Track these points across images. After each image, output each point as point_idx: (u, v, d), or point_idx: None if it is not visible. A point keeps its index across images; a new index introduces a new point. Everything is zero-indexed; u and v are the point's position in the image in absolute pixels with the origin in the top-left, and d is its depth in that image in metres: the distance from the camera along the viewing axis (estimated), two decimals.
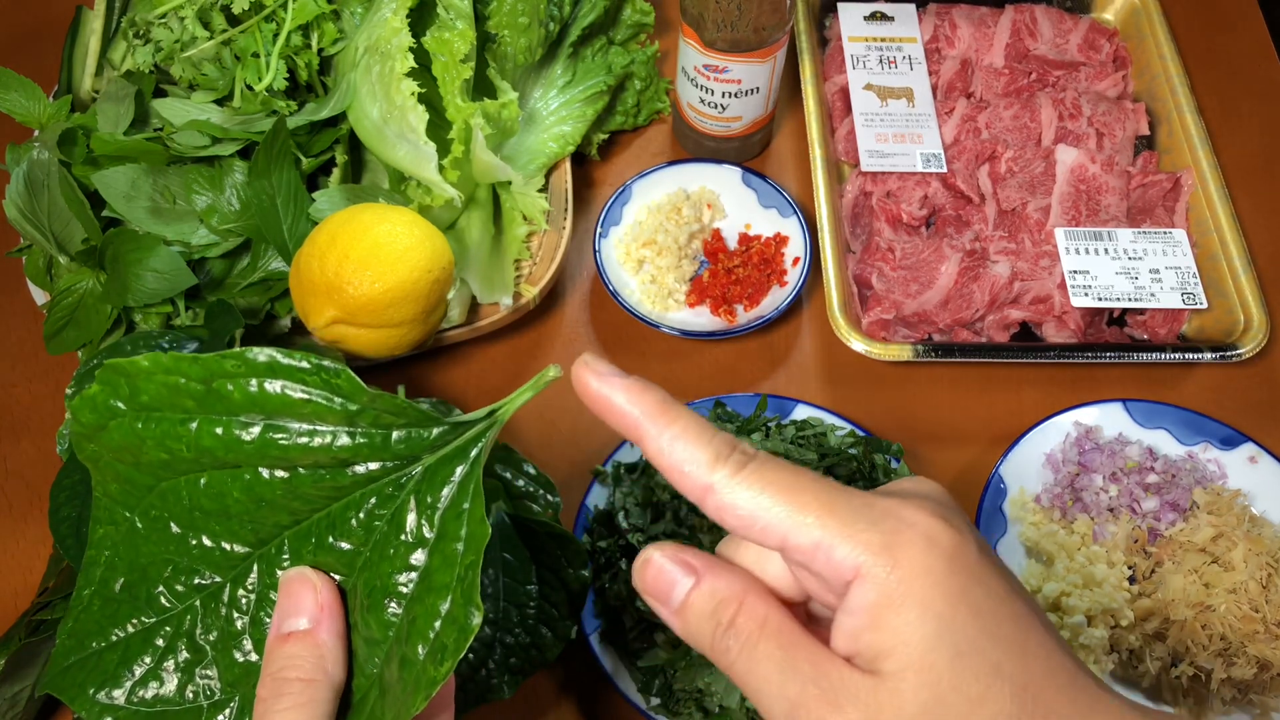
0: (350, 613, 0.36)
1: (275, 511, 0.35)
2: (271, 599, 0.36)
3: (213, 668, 0.36)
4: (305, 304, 0.59)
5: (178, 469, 0.35)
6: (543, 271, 0.68)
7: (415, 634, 0.33)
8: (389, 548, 0.35)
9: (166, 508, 0.36)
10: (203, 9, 0.66)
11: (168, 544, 0.36)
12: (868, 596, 0.29)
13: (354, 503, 0.35)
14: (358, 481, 0.35)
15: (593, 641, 0.58)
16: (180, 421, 0.34)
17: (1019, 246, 0.72)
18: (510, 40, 0.69)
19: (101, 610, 0.37)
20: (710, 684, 0.55)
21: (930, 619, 0.29)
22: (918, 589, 0.29)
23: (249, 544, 0.36)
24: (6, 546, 0.64)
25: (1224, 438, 0.64)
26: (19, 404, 0.69)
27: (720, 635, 0.32)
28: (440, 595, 0.33)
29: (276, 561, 0.36)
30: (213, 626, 0.36)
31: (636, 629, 0.58)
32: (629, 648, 0.58)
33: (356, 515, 0.35)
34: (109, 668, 0.36)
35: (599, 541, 0.60)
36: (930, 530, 0.30)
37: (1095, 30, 0.83)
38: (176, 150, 0.63)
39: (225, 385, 0.33)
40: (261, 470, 0.34)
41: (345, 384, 0.33)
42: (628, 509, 0.61)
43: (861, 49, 0.80)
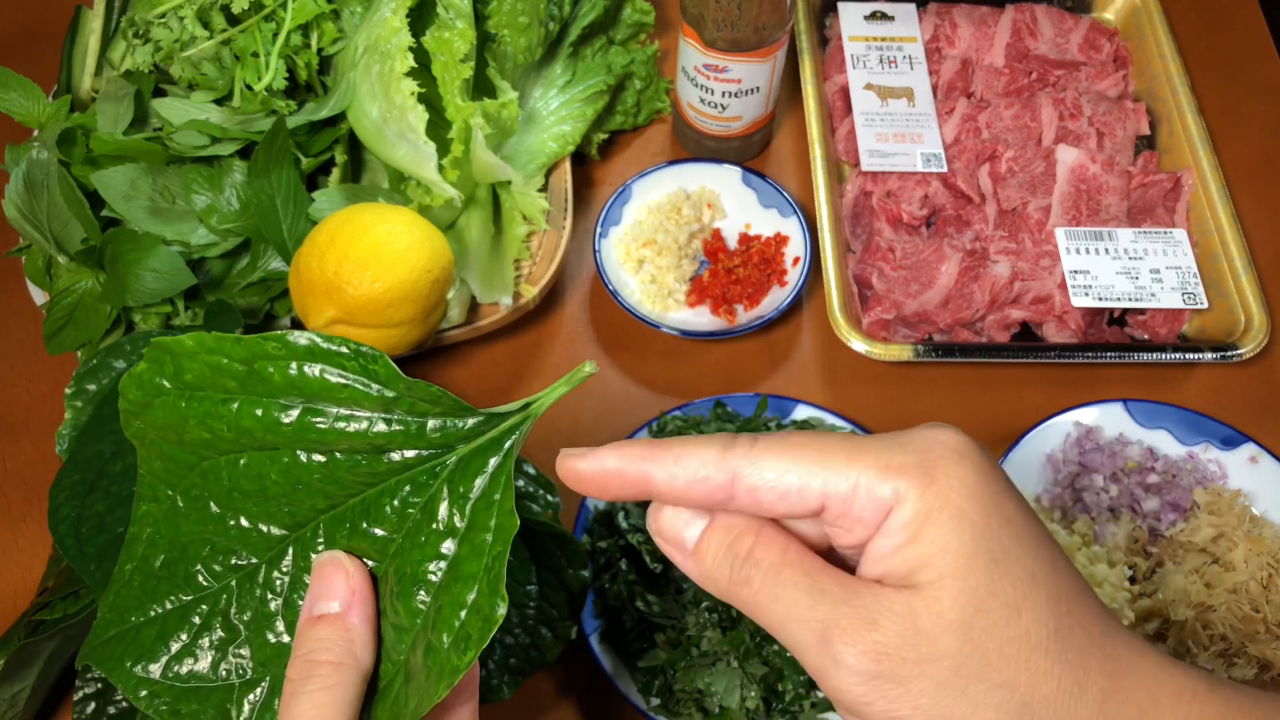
0: (381, 599, 0.36)
1: (312, 495, 0.36)
2: (305, 582, 0.36)
3: (246, 647, 0.36)
4: (305, 304, 0.59)
5: (219, 449, 0.35)
6: (543, 271, 0.68)
7: (441, 622, 0.33)
8: (421, 535, 0.35)
9: (207, 487, 0.36)
10: (202, 9, 0.66)
11: (207, 523, 0.36)
12: (906, 514, 0.29)
13: (389, 489, 0.35)
14: (393, 469, 0.35)
15: (593, 642, 0.58)
16: (222, 401, 0.34)
17: (1019, 246, 0.72)
18: (510, 40, 0.69)
19: (142, 586, 0.37)
20: (710, 684, 0.55)
21: (966, 527, 0.29)
22: (954, 499, 0.29)
23: (285, 526, 0.36)
24: (6, 546, 0.64)
25: (1225, 438, 0.64)
26: (18, 404, 0.69)
27: (739, 566, 0.31)
28: (467, 585, 0.33)
29: (311, 545, 0.36)
30: (247, 606, 0.37)
31: (636, 629, 0.58)
32: (629, 648, 0.58)
33: (391, 502, 0.35)
34: (146, 642, 0.37)
35: (599, 542, 0.60)
36: (959, 446, 0.30)
37: (1096, 30, 0.82)
38: (176, 150, 0.63)
39: (266, 367, 0.34)
40: (299, 453, 0.35)
41: (382, 370, 0.33)
42: (628, 509, 0.61)
43: (862, 48, 0.80)
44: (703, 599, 0.56)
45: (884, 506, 0.30)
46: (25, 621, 0.54)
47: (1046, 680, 0.29)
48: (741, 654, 0.55)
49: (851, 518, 0.30)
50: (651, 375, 0.70)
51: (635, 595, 0.58)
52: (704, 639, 0.56)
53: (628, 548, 0.59)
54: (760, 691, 0.54)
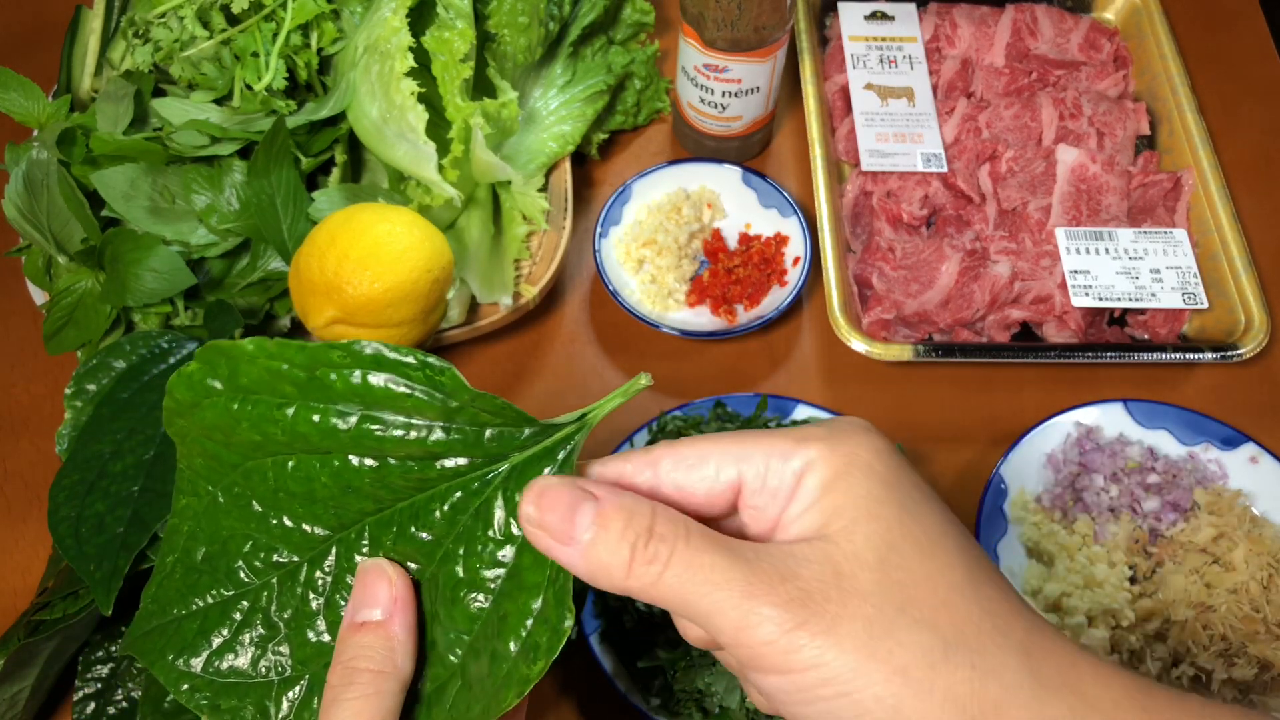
0: (428, 603, 0.36)
1: (360, 498, 0.36)
2: (347, 583, 0.36)
3: (285, 645, 0.36)
4: (304, 303, 0.59)
5: (268, 450, 0.35)
6: (543, 271, 0.68)
7: (507, 630, 0.33)
8: (475, 542, 0.35)
9: (250, 486, 0.36)
10: (202, 8, 0.66)
11: (249, 521, 0.36)
12: (817, 476, 0.31)
13: (439, 495, 0.35)
14: (444, 475, 0.35)
15: (592, 642, 0.58)
16: (278, 406, 0.34)
17: (1019, 246, 0.72)
18: (510, 39, 0.69)
19: (183, 579, 0.37)
20: (710, 684, 0.55)
21: (876, 480, 0.30)
22: (862, 457, 0.31)
23: (330, 527, 0.36)
24: (5, 547, 0.64)
25: (1225, 438, 0.64)
26: (18, 404, 0.69)
27: (643, 548, 0.29)
28: (532, 594, 0.33)
29: (355, 546, 0.36)
30: (288, 605, 0.37)
31: (636, 629, 0.57)
32: (629, 648, 0.57)
33: (440, 507, 0.35)
34: (188, 636, 0.37)
35: None
36: (865, 424, 0.32)
37: (1096, 30, 0.82)
38: (175, 150, 0.63)
39: (329, 374, 0.34)
40: (352, 458, 0.35)
41: (449, 381, 0.33)
42: None
43: (862, 48, 0.80)
44: None
45: (796, 475, 0.31)
46: (25, 621, 0.54)
47: (968, 623, 0.29)
48: None
49: (766, 492, 0.31)
50: (652, 375, 0.70)
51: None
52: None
53: None
54: None
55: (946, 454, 0.68)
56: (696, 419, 0.63)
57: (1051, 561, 0.61)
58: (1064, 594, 0.59)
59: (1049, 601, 0.59)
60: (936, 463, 0.67)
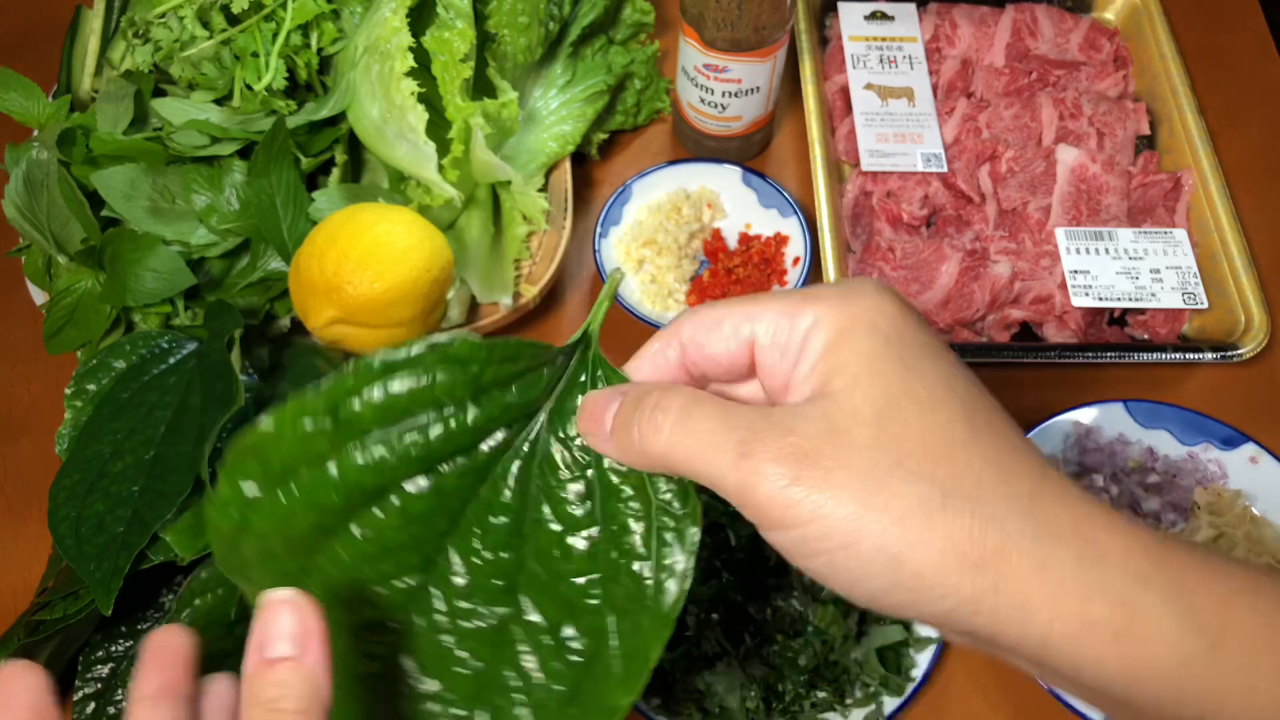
0: (543, 584, 0.35)
1: (430, 522, 0.35)
2: (467, 617, 0.35)
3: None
4: (304, 303, 0.59)
5: (328, 526, 0.34)
6: (542, 271, 0.68)
7: (627, 536, 0.34)
8: (553, 494, 0.35)
9: (328, 579, 0.34)
10: (202, 8, 0.66)
11: (341, 612, 0.34)
12: (822, 334, 0.31)
13: (499, 476, 0.35)
14: (495, 454, 0.35)
15: None
16: (320, 468, 0.32)
17: (1019, 246, 0.72)
18: (510, 39, 0.69)
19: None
20: (711, 684, 0.55)
21: (879, 338, 0.30)
22: (867, 317, 0.31)
23: (418, 570, 0.35)
24: (6, 546, 0.64)
25: (1225, 438, 0.64)
26: (18, 404, 0.69)
27: (647, 416, 0.32)
28: (628, 485, 0.34)
29: (447, 577, 0.35)
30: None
31: None
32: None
33: (507, 486, 0.35)
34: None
35: None
36: (877, 283, 0.32)
37: (1096, 30, 0.82)
38: (175, 150, 0.63)
39: (351, 406, 0.32)
40: (407, 485, 0.34)
41: (462, 350, 0.33)
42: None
43: (862, 48, 0.80)
44: (703, 599, 0.56)
45: (803, 334, 0.31)
46: (25, 621, 0.54)
47: (967, 474, 0.29)
48: (741, 654, 0.55)
49: (776, 350, 0.32)
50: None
51: None
52: (704, 639, 0.56)
53: None
54: (760, 692, 0.54)
55: None
56: None
57: None
58: None
59: None
60: None
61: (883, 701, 0.57)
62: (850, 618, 0.56)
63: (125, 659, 0.55)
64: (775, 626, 0.56)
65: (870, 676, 0.57)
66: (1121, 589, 0.28)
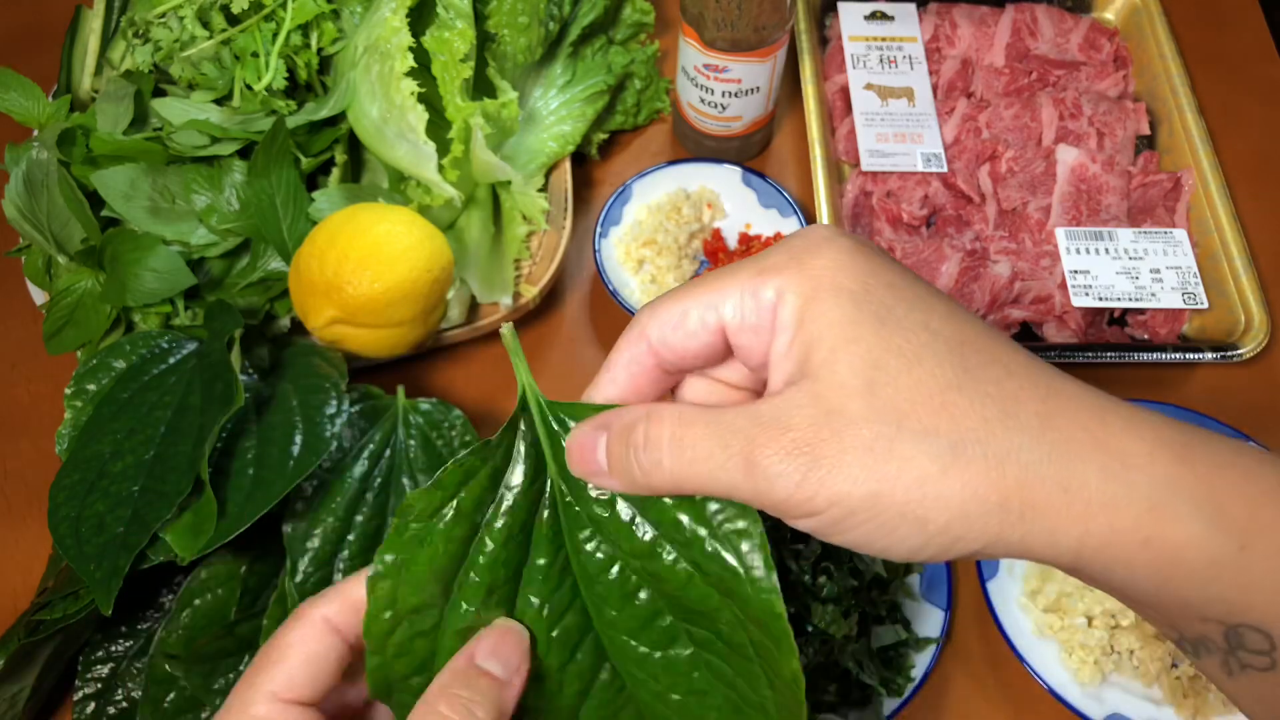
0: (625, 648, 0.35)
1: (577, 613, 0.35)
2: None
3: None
4: (305, 304, 0.59)
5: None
6: (543, 271, 0.68)
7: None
8: (588, 540, 0.35)
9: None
10: (202, 8, 0.66)
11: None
12: (788, 307, 0.30)
13: (543, 551, 0.35)
14: (540, 539, 0.35)
15: None
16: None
17: (1019, 246, 0.72)
18: (510, 39, 0.69)
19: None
20: None
21: (846, 299, 0.29)
22: (828, 278, 0.30)
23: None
24: (6, 546, 0.64)
25: None
26: (18, 404, 0.69)
27: (643, 455, 0.31)
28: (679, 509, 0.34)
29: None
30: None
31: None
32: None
33: (549, 556, 0.35)
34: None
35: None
36: (826, 233, 0.31)
37: (1096, 30, 0.82)
38: (175, 150, 0.63)
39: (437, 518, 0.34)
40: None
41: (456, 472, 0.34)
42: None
43: (862, 48, 0.80)
44: None
45: (770, 308, 0.30)
46: (25, 621, 0.54)
47: (969, 416, 0.28)
48: None
49: (748, 330, 0.31)
50: None
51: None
52: None
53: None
54: None
55: None
56: None
57: None
58: (1064, 594, 0.59)
59: (1049, 601, 0.59)
60: None
61: (882, 701, 0.57)
62: (850, 618, 0.56)
63: (125, 659, 0.55)
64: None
65: (870, 676, 0.57)
66: (1148, 494, 0.28)
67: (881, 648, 0.57)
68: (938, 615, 0.59)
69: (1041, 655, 0.58)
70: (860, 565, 0.57)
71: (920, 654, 0.58)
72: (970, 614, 0.62)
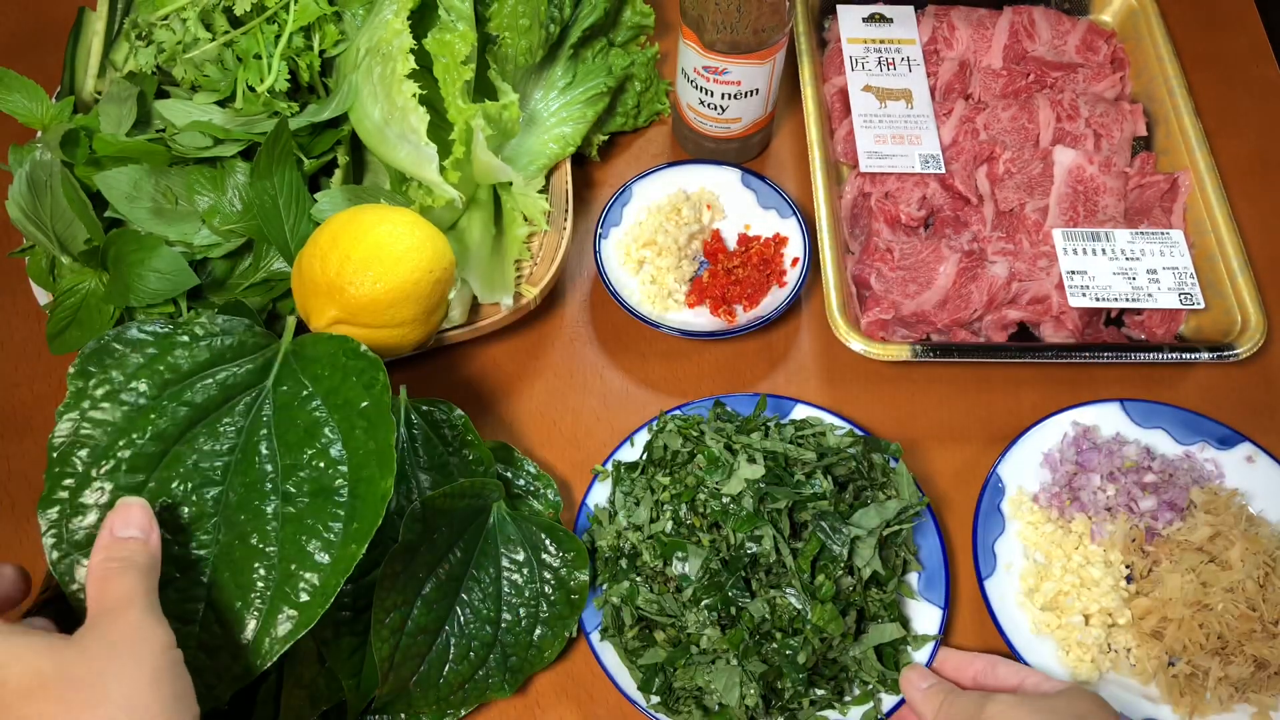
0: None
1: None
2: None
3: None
4: (307, 304, 0.59)
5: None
6: (543, 272, 0.68)
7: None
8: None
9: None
10: (205, 10, 0.66)
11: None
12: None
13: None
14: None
15: (592, 640, 0.59)
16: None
17: (1017, 247, 0.72)
18: (511, 42, 0.69)
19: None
20: (710, 681, 0.55)
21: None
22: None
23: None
24: (9, 545, 0.64)
25: (1221, 437, 0.65)
26: (22, 404, 0.69)
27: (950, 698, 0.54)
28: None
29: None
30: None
31: (636, 627, 0.58)
32: (628, 646, 0.58)
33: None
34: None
35: (599, 541, 0.61)
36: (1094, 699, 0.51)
37: (1093, 32, 0.83)
38: (179, 151, 0.64)
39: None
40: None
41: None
42: (628, 508, 0.61)
43: (860, 50, 0.80)
44: (702, 598, 0.56)
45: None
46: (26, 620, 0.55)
47: None
48: (741, 652, 0.55)
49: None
50: (651, 375, 0.71)
51: (634, 593, 0.58)
52: (704, 637, 0.56)
53: (628, 547, 0.60)
54: (759, 689, 0.55)
55: (944, 453, 0.68)
56: (696, 419, 0.64)
57: (1048, 560, 0.61)
58: (1061, 592, 0.60)
59: (1046, 600, 0.60)
60: (935, 462, 0.68)
61: (881, 699, 0.57)
62: (848, 616, 0.57)
63: None
64: (774, 624, 0.56)
65: (869, 674, 0.57)
66: None
67: (880, 645, 0.57)
68: (936, 613, 0.59)
69: (1039, 653, 0.59)
70: (858, 564, 0.57)
71: (918, 651, 0.58)
72: (968, 612, 0.62)
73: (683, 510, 0.59)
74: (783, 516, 0.58)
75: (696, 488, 0.59)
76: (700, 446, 0.61)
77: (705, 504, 0.58)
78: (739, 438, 0.61)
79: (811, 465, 0.60)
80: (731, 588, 0.56)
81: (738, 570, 0.57)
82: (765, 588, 0.57)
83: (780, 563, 0.57)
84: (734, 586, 0.56)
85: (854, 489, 0.61)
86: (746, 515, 0.57)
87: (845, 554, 0.57)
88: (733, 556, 0.57)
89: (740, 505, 0.58)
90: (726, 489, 0.58)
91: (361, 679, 0.54)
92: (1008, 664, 0.55)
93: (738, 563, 0.57)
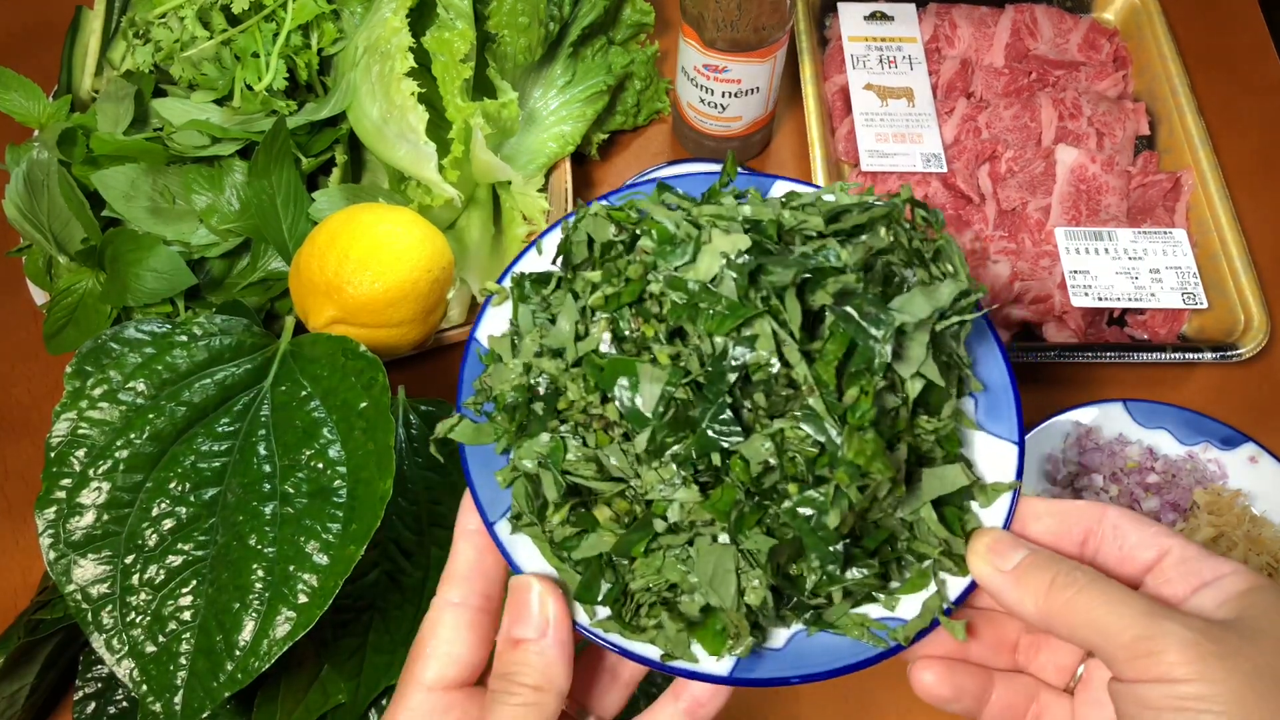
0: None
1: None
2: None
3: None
4: (305, 303, 0.59)
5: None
6: None
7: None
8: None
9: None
10: (202, 9, 0.66)
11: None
12: (1237, 581, 0.33)
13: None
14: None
15: (499, 535, 0.38)
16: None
17: (1019, 246, 0.72)
18: (510, 40, 0.69)
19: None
20: (688, 574, 0.37)
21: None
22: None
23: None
24: (6, 546, 0.64)
25: (1224, 438, 0.64)
26: (19, 404, 0.69)
27: (1063, 575, 0.34)
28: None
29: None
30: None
31: (566, 504, 0.38)
32: (555, 535, 0.38)
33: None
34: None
35: (497, 386, 0.40)
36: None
37: (1095, 30, 0.83)
38: (176, 150, 0.63)
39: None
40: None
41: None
42: (541, 327, 0.40)
43: (861, 49, 0.80)
44: (667, 444, 0.35)
45: (1215, 572, 0.34)
46: (25, 621, 0.54)
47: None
48: (734, 522, 0.35)
49: (1183, 569, 0.35)
50: None
51: (559, 450, 0.37)
52: (673, 505, 0.36)
53: (544, 384, 0.39)
54: (767, 577, 0.35)
55: None
56: (632, 203, 0.41)
57: None
58: None
59: None
60: None
61: (945, 582, 0.38)
62: (897, 450, 0.36)
63: None
64: (784, 473, 0.35)
65: (925, 544, 0.37)
66: None
67: (940, 500, 0.38)
68: (1008, 451, 0.39)
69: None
70: (903, 373, 0.36)
71: (988, 510, 0.38)
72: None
73: (626, 316, 0.37)
74: (788, 301, 0.35)
75: (644, 279, 0.37)
76: (648, 223, 0.39)
77: (661, 299, 0.37)
78: (704, 207, 0.40)
79: (820, 230, 0.38)
80: (712, 422, 0.35)
81: (719, 394, 0.35)
82: (764, 417, 0.35)
83: (787, 375, 0.35)
84: (715, 420, 0.35)
85: (882, 267, 0.38)
86: (728, 306, 0.35)
87: (888, 355, 0.35)
88: (710, 374, 0.35)
89: (717, 294, 0.35)
90: (692, 273, 0.36)
91: (361, 680, 0.53)
92: (1128, 518, 0.35)
93: (718, 382, 0.35)
